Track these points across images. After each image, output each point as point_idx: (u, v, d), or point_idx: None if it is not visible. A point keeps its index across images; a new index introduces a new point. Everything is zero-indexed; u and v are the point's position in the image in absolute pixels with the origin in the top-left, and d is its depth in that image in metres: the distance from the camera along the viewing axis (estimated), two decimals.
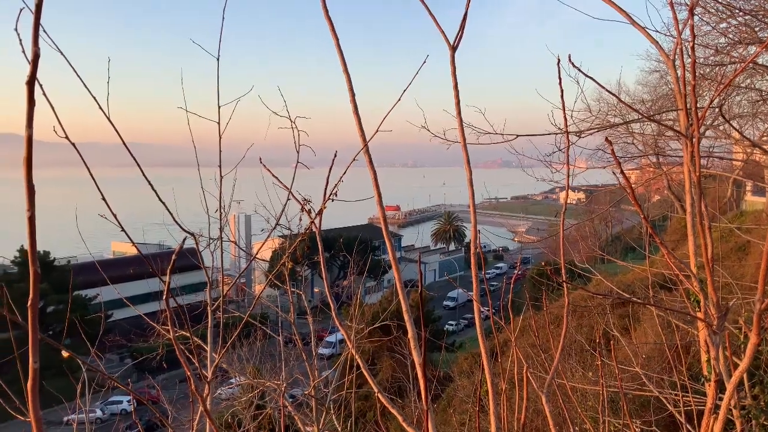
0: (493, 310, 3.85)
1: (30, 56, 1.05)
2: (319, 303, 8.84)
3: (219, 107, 3.16)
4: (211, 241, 4.10)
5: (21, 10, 1.05)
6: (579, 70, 2.87)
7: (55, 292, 51.09)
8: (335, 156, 3.13)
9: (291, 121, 3.17)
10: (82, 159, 1.66)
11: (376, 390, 2.30)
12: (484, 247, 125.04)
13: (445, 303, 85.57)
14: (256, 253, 3.85)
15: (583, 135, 6.77)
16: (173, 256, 2.08)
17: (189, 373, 2.32)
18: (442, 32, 2.61)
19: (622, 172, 2.32)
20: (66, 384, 7.12)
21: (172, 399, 8.55)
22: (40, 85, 1.11)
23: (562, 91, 2.75)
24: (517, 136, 4.56)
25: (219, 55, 2.95)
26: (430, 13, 2.65)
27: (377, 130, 2.49)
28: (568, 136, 3.30)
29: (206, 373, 2.84)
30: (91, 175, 1.90)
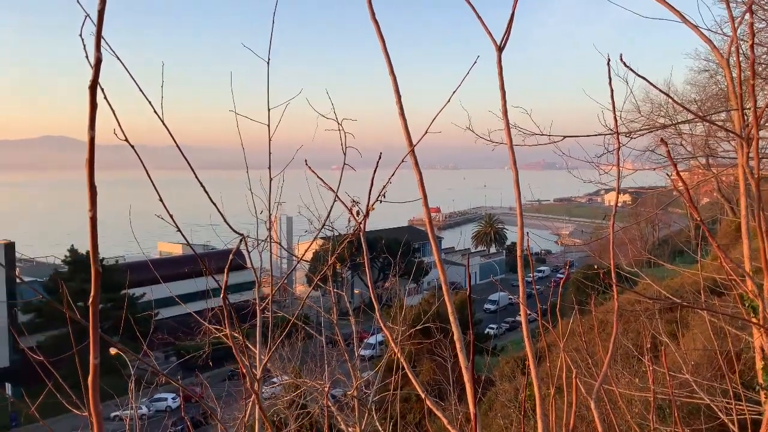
0: (535, 314, 3.80)
1: (92, 61, 1.08)
2: (362, 304, 8.89)
3: (269, 110, 3.20)
4: (258, 242, 4.15)
5: (86, 17, 1.09)
6: (630, 69, 2.81)
7: (103, 291, 52.54)
8: (380, 158, 3.13)
9: (338, 124, 3.19)
10: (142, 163, 1.70)
11: (422, 393, 2.29)
12: (525, 249, 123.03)
13: (485, 306, 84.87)
14: (303, 254, 3.88)
15: (633, 136, 6.63)
16: (230, 256, 2.12)
17: (244, 371, 2.35)
18: (489, 33, 2.59)
19: (678, 173, 2.26)
20: (113, 380, 7.31)
21: (213, 397, 8.69)
22: (102, 89, 1.15)
23: (612, 91, 2.69)
24: (565, 137, 4.47)
25: (269, 59, 2.99)
26: (477, 15, 2.63)
27: (426, 132, 2.48)
28: (618, 137, 3.23)
29: (255, 371, 2.88)
30: (150, 177, 1.95)
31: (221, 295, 2.25)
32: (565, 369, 2.92)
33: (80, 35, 1.12)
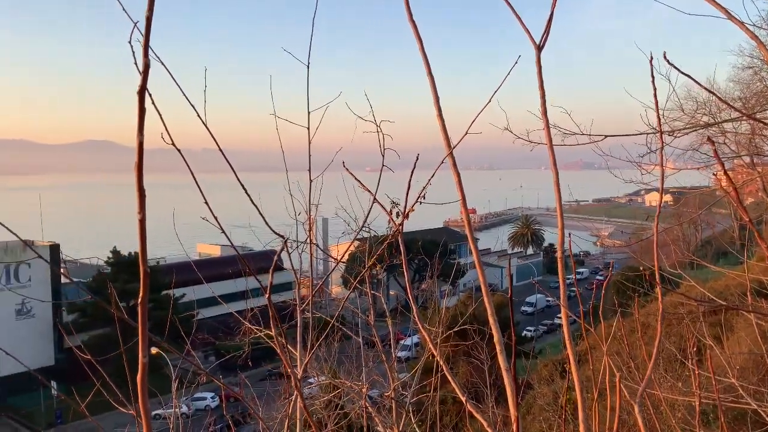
0: (576, 316, 3.75)
1: (141, 67, 1.11)
2: (399, 305, 8.89)
3: (308, 113, 3.23)
4: (297, 243, 4.19)
5: (135, 23, 1.12)
6: (674, 67, 2.75)
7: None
8: (417, 159, 3.13)
9: (376, 126, 3.21)
10: (189, 167, 1.74)
11: (461, 396, 2.29)
12: (565, 251, 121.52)
13: (522, 308, 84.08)
14: (342, 256, 3.90)
15: (677, 135, 6.47)
16: (275, 258, 2.14)
17: (288, 370, 2.38)
18: (528, 32, 2.57)
19: (725, 173, 2.21)
20: (154, 379, 7.45)
21: (254, 396, 8.79)
22: (150, 95, 1.18)
23: (655, 89, 2.64)
24: (606, 136, 4.39)
25: (309, 62, 3.02)
26: (515, 14, 2.61)
27: (466, 133, 2.48)
28: (662, 136, 3.16)
29: (297, 371, 2.90)
30: (196, 181, 1.99)
31: (266, 296, 2.28)
32: (608, 372, 2.87)
33: (129, 42, 1.16)
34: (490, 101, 2.49)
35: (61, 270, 62.98)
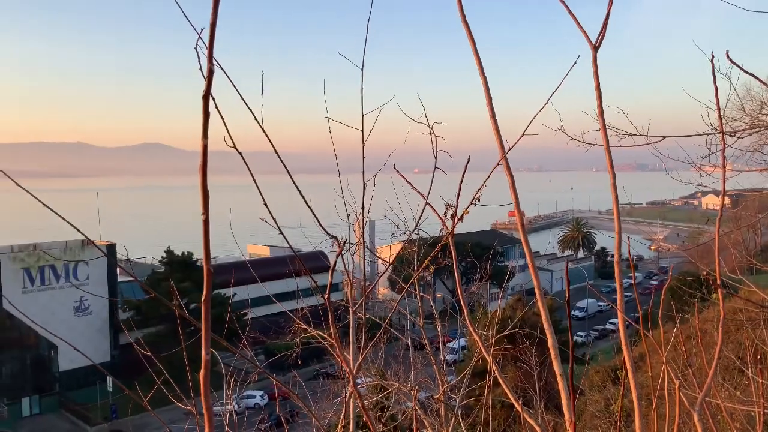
0: (633, 322, 3.66)
1: (205, 72, 1.14)
2: (447, 308, 8.86)
3: (362, 115, 3.25)
4: (350, 245, 4.23)
5: (201, 30, 1.15)
6: (737, 66, 2.66)
7: (197, 291, 55.00)
8: (468, 161, 3.12)
9: (429, 128, 3.21)
10: (250, 171, 1.78)
11: (514, 401, 2.26)
12: (622, 255, 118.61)
13: (573, 313, 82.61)
14: (393, 258, 3.91)
15: (741, 136, 6.23)
16: (334, 260, 2.17)
17: (348, 369, 2.40)
18: (584, 32, 2.53)
19: None
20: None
21: (307, 395, 8.89)
22: (213, 99, 1.21)
23: (716, 89, 2.56)
24: (664, 137, 4.25)
25: (363, 65, 3.04)
26: (571, 13, 2.58)
27: (522, 135, 2.45)
28: (723, 137, 3.06)
29: (351, 370, 2.92)
30: (257, 184, 2.03)
31: (324, 297, 2.31)
32: (666, 380, 2.80)
33: (195, 48, 1.19)
34: (547, 102, 2.46)
35: (119, 269, 64.96)
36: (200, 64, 1.18)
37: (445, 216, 2.66)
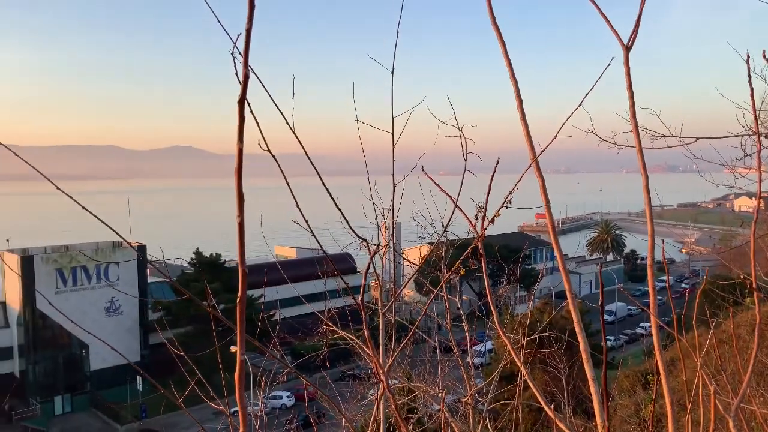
0: (666, 325, 3.60)
1: (241, 77, 1.16)
2: (475, 311, 8.82)
3: (393, 118, 3.26)
4: (378, 247, 4.23)
5: (238, 35, 1.17)
6: None
7: (225, 292, 55.58)
8: (497, 163, 3.11)
9: (458, 130, 3.20)
10: (283, 174, 1.81)
11: (544, 405, 2.25)
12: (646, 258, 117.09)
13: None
14: (423, 260, 3.91)
15: None
16: (369, 260, 2.18)
17: (381, 371, 2.41)
18: (615, 32, 2.50)
19: None
20: (228, 377, 7.68)
21: (337, 395, 8.92)
22: (248, 104, 1.22)
23: (752, 89, 2.52)
24: (697, 138, 4.18)
25: (393, 69, 3.05)
26: (602, 14, 2.55)
27: (555, 136, 2.44)
28: (759, 138, 3.00)
29: (384, 370, 2.93)
30: (289, 186, 2.06)
31: (359, 299, 2.32)
32: (700, 385, 2.75)
33: (231, 53, 1.20)
34: (580, 104, 2.44)
35: (148, 269, 65.95)
36: (236, 69, 1.19)
37: (476, 218, 2.65)
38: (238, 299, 1.22)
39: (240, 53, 1.18)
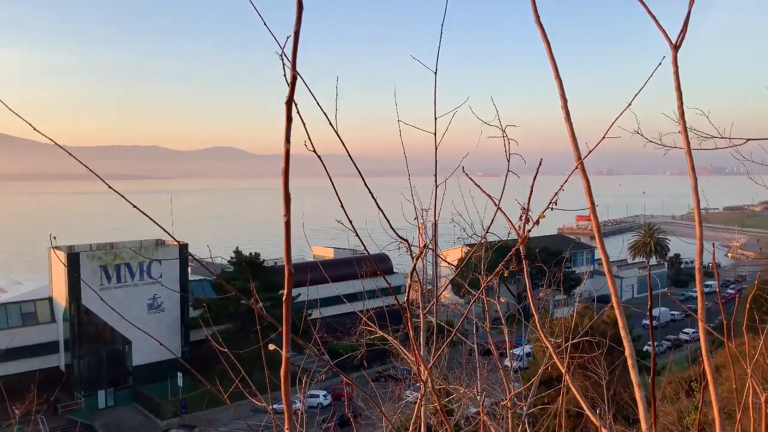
0: (711, 332, 3.50)
1: (289, 79, 1.17)
2: (516, 313, 8.73)
3: (435, 119, 3.25)
4: (423, 248, 4.23)
5: (287, 37, 1.18)
6: None
7: (264, 291, 56.22)
8: (540, 164, 3.07)
9: (502, 131, 3.18)
10: (328, 174, 1.82)
11: (589, 412, 2.21)
12: (691, 262, 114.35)
13: (644, 322, 79.84)
14: (464, 262, 3.89)
15: None
16: (415, 261, 2.18)
17: (425, 370, 2.40)
18: (663, 31, 2.45)
19: None
20: (272, 375, 7.76)
21: (377, 394, 8.94)
22: (295, 105, 1.23)
23: None
24: (747, 140, 4.04)
25: (437, 69, 3.05)
26: (650, 13, 2.50)
27: (604, 137, 2.40)
28: None
29: (423, 375, 2.93)
30: (334, 187, 2.07)
31: (405, 300, 2.32)
32: (750, 393, 2.66)
33: (281, 55, 1.22)
34: (630, 104, 2.39)
35: (190, 267, 67.16)
36: (284, 71, 1.20)
37: (520, 220, 2.63)
38: (284, 298, 1.23)
39: (287, 57, 1.19)
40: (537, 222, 2.59)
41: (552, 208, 2.65)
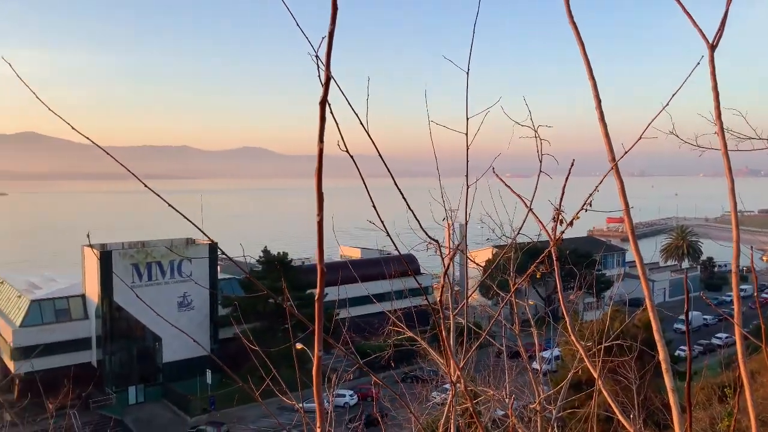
0: (749, 337, 3.43)
1: (323, 80, 1.17)
2: (546, 317, 8.65)
3: (467, 119, 3.24)
4: (454, 249, 4.22)
5: (322, 38, 1.19)
6: None
7: (292, 290, 56.58)
8: (572, 165, 3.04)
9: (534, 131, 3.15)
10: (361, 175, 1.83)
11: (621, 416, 2.18)
12: (725, 266, 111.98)
13: (676, 326, 78.47)
14: (494, 264, 3.87)
15: None
16: (448, 262, 2.17)
17: (458, 370, 2.40)
18: (700, 30, 2.40)
19: None
20: (292, 374, 7.81)
21: (405, 394, 8.93)
22: (329, 105, 1.24)
23: None
24: None
25: (468, 69, 3.03)
26: (686, 12, 2.46)
27: (640, 137, 2.36)
28: None
29: (452, 376, 2.92)
30: (367, 188, 2.08)
31: (435, 300, 2.31)
32: None
33: (316, 55, 1.22)
34: (667, 104, 2.35)
35: (219, 266, 67.91)
36: (319, 72, 1.21)
37: (554, 221, 2.60)
38: (316, 297, 1.24)
39: (321, 59, 1.19)
40: (571, 223, 2.56)
41: (586, 210, 2.62)
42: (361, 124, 2.04)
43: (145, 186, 1.92)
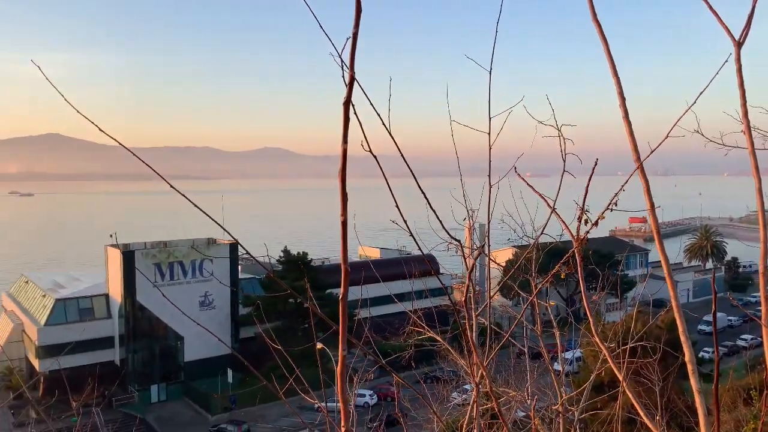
0: (760, 340, 3.37)
1: (347, 80, 1.18)
2: (570, 318, 8.59)
3: (489, 119, 3.22)
4: (479, 249, 4.20)
5: (347, 39, 1.19)
6: None
7: (312, 290, 56.73)
8: (596, 164, 3.00)
9: (557, 130, 3.13)
10: (384, 174, 1.84)
11: (646, 419, 2.16)
12: (750, 266, 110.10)
13: (700, 327, 77.43)
14: (518, 263, 3.85)
15: None
16: (473, 262, 2.16)
17: (483, 369, 2.39)
18: (726, 28, 2.37)
19: None
20: (313, 373, 7.83)
21: (428, 395, 8.92)
22: (352, 105, 1.24)
23: None
24: None
25: (491, 68, 3.02)
26: (712, 9, 2.42)
27: (666, 136, 2.34)
28: None
29: (476, 377, 2.91)
30: (390, 188, 2.09)
31: (458, 300, 2.31)
32: None
33: (340, 56, 1.23)
34: (693, 104, 2.32)
35: (240, 266, 68.37)
36: (343, 72, 1.21)
37: (579, 221, 2.57)
38: (340, 296, 1.24)
39: (344, 60, 1.20)
40: (596, 223, 2.54)
41: (611, 209, 2.59)
42: (384, 124, 2.05)
43: (171, 187, 1.94)
